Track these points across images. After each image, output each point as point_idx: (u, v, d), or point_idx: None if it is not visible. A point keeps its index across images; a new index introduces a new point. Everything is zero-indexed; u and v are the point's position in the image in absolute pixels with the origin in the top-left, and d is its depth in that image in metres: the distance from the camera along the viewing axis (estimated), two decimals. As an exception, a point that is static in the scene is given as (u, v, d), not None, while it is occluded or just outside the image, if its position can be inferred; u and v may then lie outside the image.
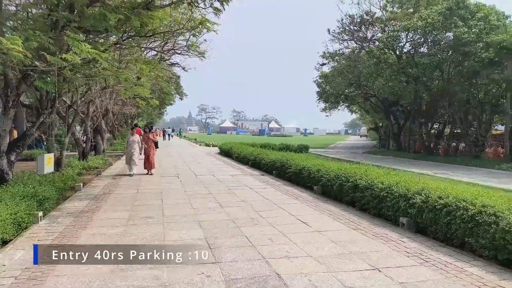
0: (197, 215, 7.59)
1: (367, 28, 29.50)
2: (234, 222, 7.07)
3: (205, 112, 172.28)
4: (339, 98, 35.50)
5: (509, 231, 4.70)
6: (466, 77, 22.26)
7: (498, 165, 18.50)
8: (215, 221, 7.15)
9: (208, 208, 8.36)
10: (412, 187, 6.79)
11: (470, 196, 5.72)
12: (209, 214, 7.73)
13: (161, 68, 24.37)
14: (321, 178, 10.00)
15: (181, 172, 15.04)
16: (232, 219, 7.34)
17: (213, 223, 6.96)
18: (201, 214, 7.75)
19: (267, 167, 14.94)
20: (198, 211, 8.03)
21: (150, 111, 46.02)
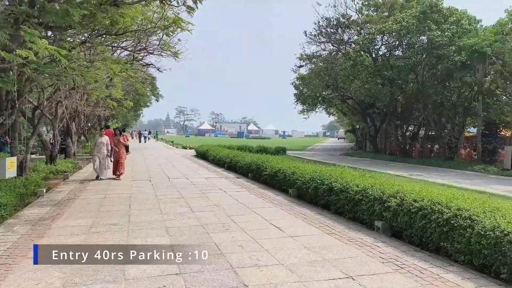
0: (165, 221, 7.22)
1: (344, 31, 29.67)
2: (204, 228, 6.74)
3: (183, 114, 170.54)
4: (316, 100, 35.58)
5: (484, 236, 4.55)
6: (440, 80, 22.61)
7: (470, 166, 18.79)
8: (184, 227, 6.80)
9: (178, 213, 7.99)
10: (387, 190, 6.63)
11: (445, 199, 5.58)
12: (178, 220, 7.36)
13: (134, 68, 23.80)
14: (296, 181, 9.77)
15: (154, 176, 14.56)
16: (203, 224, 7.00)
17: (182, 230, 6.60)
18: (170, 220, 7.37)
19: (243, 169, 14.66)
20: (167, 216, 7.66)
21: (125, 112, 45.05)
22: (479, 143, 20.13)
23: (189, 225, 6.93)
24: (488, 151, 20.69)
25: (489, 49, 17.36)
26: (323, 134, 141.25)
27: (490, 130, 21.27)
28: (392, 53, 24.71)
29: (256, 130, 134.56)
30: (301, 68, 35.19)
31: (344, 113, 41.66)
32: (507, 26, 17.96)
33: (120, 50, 17.92)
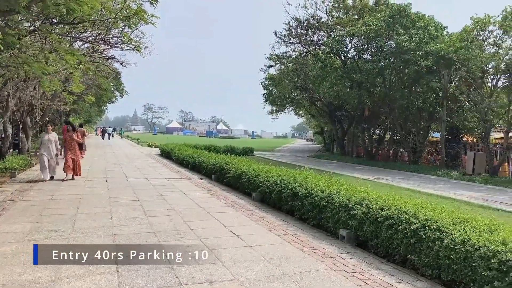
0: (114, 227, 6.56)
1: (314, 32, 29.60)
2: (156, 236, 6.16)
3: (151, 112, 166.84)
4: (285, 101, 35.40)
5: (454, 249, 4.25)
6: (406, 84, 22.87)
7: (434, 171, 19.02)
8: (133, 234, 6.18)
9: (130, 218, 7.34)
10: (353, 197, 6.28)
11: (413, 208, 5.27)
12: (129, 226, 6.72)
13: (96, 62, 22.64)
14: (260, 184, 9.32)
15: (112, 175, 13.73)
16: (155, 231, 6.41)
17: (130, 238, 5.99)
18: (119, 226, 6.72)
19: (207, 170, 14.08)
20: (118, 222, 7.00)
21: (87, 108, 43.25)
22: (442, 148, 20.47)
23: (139, 232, 6.32)
24: (451, 156, 21.09)
25: (455, 55, 17.62)
26: (292, 135, 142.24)
27: (453, 136, 21.71)
28: (361, 56, 24.83)
29: (225, 130, 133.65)
30: (270, 68, 34.96)
31: (312, 115, 41.74)
32: (472, 33, 18.33)
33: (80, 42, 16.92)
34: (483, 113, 17.95)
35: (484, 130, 18.62)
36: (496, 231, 4.35)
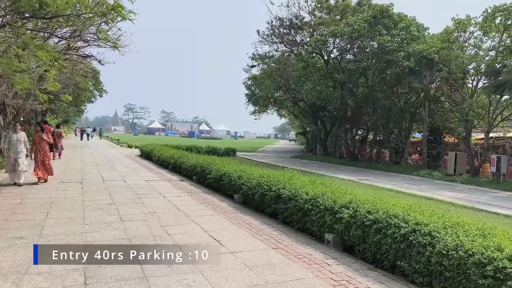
0: (85, 234, 6.13)
1: (297, 32, 29.44)
2: (131, 243, 5.76)
3: (132, 112, 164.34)
4: (268, 102, 35.16)
5: (446, 255, 4.02)
6: (389, 85, 22.91)
7: (416, 171, 19.06)
8: (106, 241, 5.77)
9: (104, 223, 6.90)
10: (339, 200, 6.02)
11: (401, 211, 5.03)
12: (101, 232, 6.30)
13: (73, 60, 21.91)
14: (242, 186, 9.00)
15: (88, 177, 13.16)
16: (130, 237, 6.02)
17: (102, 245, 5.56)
18: (91, 232, 6.29)
19: (187, 171, 13.68)
20: (90, 227, 6.56)
21: (65, 107, 42.13)
22: (424, 148, 20.57)
23: (113, 239, 5.91)
24: (432, 157, 21.21)
25: (437, 56, 17.67)
26: (274, 136, 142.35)
27: (435, 136, 21.85)
28: (343, 56, 24.79)
29: (208, 130, 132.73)
30: (253, 68, 34.67)
31: (295, 115, 41.64)
32: (453, 34, 18.44)
33: (56, 39, 16.27)
34: (464, 113, 18.08)
35: (465, 131, 18.77)
36: (489, 235, 4.14)
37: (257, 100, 34.92)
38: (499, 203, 11.49)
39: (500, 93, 16.28)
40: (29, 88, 16.75)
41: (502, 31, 16.89)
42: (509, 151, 18.29)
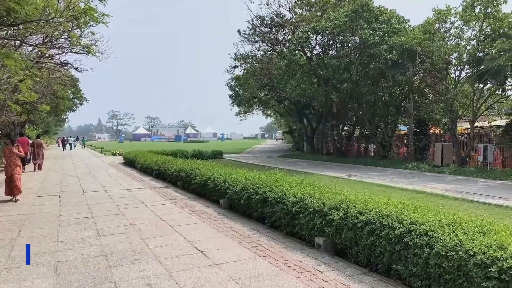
0: (58, 253, 5.68)
1: (278, 30, 29.14)
2: (107, 260, 5.34)
3: (116, 119, 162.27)
4: (252, 102, 34.81)
5: (445, 257, 3.71)
6: (373, 79, 22.78)
7: (404, 164, 18.94)
8: (80, 260, 5.34)
9: (79, 239, 6.46)
10: (329, 200, 5.69)
11: (395, 210, 4.73)
12: (76, 249, 5.86)
13: (44, 67, 21.20)
14: (227, 190, 8.63)
15: (67, 189, 12.62)
16: (107, 254, 5.59)
17: (76, 265, 5.14)
18: (65, 250, 5.85)
19: (172, 178, 13.25)
20: (64, 245, 6.11)
21: (44, 117, 41.06)
22: (411, 141, 20.47)
23: (87, 257, 5.47)
24: (419, 149, 21.14)
25: (419, 47, 17.57)
26: (261, 136, 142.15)
27: (421, 128, 21.78)
28: (326, 53, 24.58)
29: (194, 134, 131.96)
30: (236, 68, 34.26)
31: (281, 114, 41.38)
32: (434, 25, 18.35)
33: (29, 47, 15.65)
34: (448, 104, 18.01)
35: (450, 121, 18.70)
36: (490, 232, 3.85)
37: (241, 100, 34.54)
38: (488, 193, 11.34)
39: (483, 81, 16.24)
40: (2, 100, 16.10)
41: (482, 20, 16.86)
42: (494, 139, 18.30)
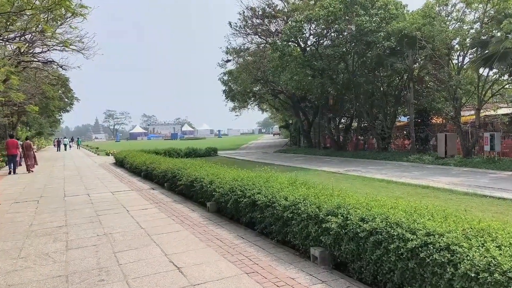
0: (13, 273, 4.86)
1: (270, 21, 28.18)
2: (68, 281, 4.53)
3: (112, 119, 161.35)
4: (246, 96, 33.87)
5: (476, 279, 2.89)
6: (370, 68, 21.88)
7: (406, 157, 18.09)
8: (35, 282, 4.51)
9: (43, 254, 5.63)
10: (325, 204, 4.86)
11: (405, 216, 3.90)
12: (36, 268, 5.03)
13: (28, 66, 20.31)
14: (214, 193, 7.81)
15: (48, 194, 11.79)
16: (68, 274, 4.77)
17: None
18: (23, 269, 5.02)
19: (159, 178, 12.45)
20: (24, 262, 5.30)
21: (37, 118, 40.19)
22: (412, 132, 19.58)
23: (45, 278, 4.65)
24: (421, 140, 20.29)
25: (418, 33, 16.65)
26: (258, 131, 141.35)
27: (422, 118, 20.94)
28: (321, 43, 23.65)
29: (191, 131, 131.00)
30: (228, 62, 33.25)
31: (276, 108, 40.49)
32: (434, 9, 17.42)
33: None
34: (451, 91, 17.14)
35: (453, 110, 17.83)
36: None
37: (235, 95, 33.59)
38: (501, 186, 10.51)
39: (489, 65, 15.34)
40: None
41: (486, 1, 15.93)
42: (501, 128, 17.46)
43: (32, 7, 10.86)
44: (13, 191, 12.72)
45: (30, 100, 26.85)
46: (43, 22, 12.11)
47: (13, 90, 20.31)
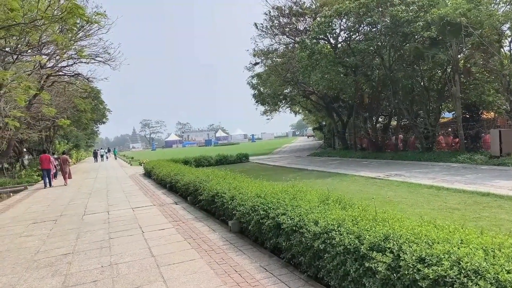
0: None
1: (298, 20, 26.94)
2: None
3: (148, 128, 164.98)
4: (276, 99, 32.70)
5: None
6: (408, 62, 20.15)
7: (454, 157, 16.29)
8: None
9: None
10: (367, 233, 3.72)
11: (486, 260, 2.70)
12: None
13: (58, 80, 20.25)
14: (234, 211, 6.81)
15: (68, 211, 11.26)
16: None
17: None
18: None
19: (182, 191, 11.64)
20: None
21: (74, 131, 40.95)
22: (460, 129, 17.65)
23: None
24: (470, 137, 18.33)
25: (463, 19, 14.92)
26: (292, 134, 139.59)
27: (471, 113, 18.94)
28: (352, 38, 22.13)
29: (224, 137, 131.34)
30: (256, 65, 32.22)
31: (309, 110, 39.06)
32: (480, -10, 15.62)
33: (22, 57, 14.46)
34: (505, 82, 15.24)
35: (508, 103, 15.86)
36: None
37: (265, 99, 32.50)
38: None
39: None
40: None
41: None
42: None
43: (43, 17, 10.38)
44: (37, 209, 12.35)
45: (62, 114, 27.15)
46: (58, 32, 11.57)
47: (44, 105, 20.34)
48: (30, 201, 14.55)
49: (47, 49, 13.47)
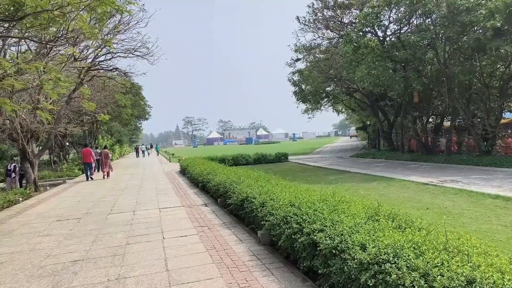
0: None
1: (343, 12, 25.44)
2: None
3: (191, 125, 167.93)
4: (318, 97, 31.28)
5: None
6: (466, 56, 18.20)
7: (520, 162, 14.39)
8: None
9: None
10: (438, 271, 2.61)
11: None
12: None
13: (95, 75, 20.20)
14: (263, 221, 5.84)
15: (95, 210, 10.79)
16: None
17: None
18: None
19: (213, 192, 10.86)
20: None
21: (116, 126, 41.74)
22: (527, 131, 15.68)
23: None
24: (538, 140, 16.25)
25: (536, 3, 13.07)
26: (334, 134, 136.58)
27: (540, 113, 16.85)
28: (402, 31, 20.37)
29: (265, 135, 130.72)
30: (298, 61, 30.96)
31: (352, 109, 37.28)
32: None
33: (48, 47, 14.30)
34: None
35: None
36: None
37: (306, 96, 31.19)
38: None
39: None
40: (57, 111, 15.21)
41: None
42: None
43: (69, 3, 9.92)
44: (66, 205, 12.09)
45: (103, 109, 27.43)
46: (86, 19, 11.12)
47: (85, 99, 20.43)
48: (63, 196, 14.42)
49: (80, 43, 13.18)
